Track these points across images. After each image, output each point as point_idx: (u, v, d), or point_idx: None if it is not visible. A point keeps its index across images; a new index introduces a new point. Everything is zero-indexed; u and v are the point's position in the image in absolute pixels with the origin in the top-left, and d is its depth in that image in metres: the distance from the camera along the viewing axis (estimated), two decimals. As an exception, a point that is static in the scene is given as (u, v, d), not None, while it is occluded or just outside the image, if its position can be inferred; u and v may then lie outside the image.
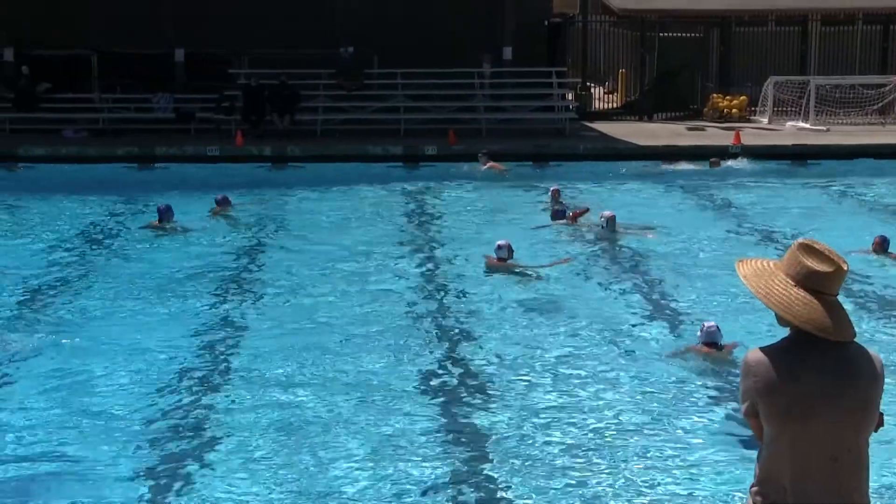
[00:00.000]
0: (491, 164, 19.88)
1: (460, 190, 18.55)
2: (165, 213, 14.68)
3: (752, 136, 22.76)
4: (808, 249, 3.55)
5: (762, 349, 3.56)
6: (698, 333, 9.34)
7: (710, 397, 8.55)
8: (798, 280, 3.52)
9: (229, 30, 23.85)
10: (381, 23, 23.82)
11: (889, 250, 12.96)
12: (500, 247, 12.48)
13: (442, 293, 11.94)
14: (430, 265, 13.28)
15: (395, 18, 23.98)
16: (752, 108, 25.86)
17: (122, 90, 23.50)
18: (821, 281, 3.50)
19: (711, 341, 9.19)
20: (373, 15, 24.02)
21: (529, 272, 12.43)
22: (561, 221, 15.06)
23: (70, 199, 17.34)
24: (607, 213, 14.68)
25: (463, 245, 14.13)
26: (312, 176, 19.50)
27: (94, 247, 14.29)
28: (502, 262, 12.46)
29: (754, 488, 3.57)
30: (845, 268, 3.54)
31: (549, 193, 16.81)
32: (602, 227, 14.51)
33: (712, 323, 9.35)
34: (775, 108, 25.28)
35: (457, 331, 10.49)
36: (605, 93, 28.24)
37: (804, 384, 3.46)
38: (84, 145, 21.39)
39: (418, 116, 22.99)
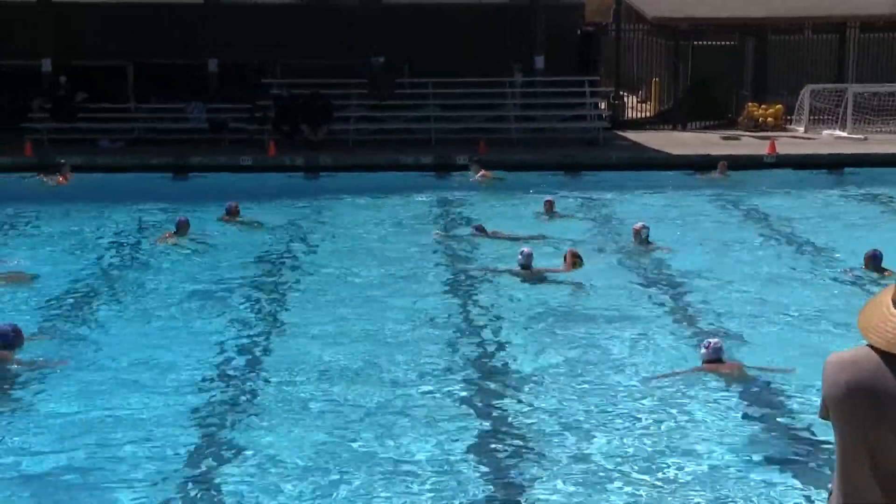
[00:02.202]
0: (483, 172, 19.80)
1: (492, 198, 18.51)
2: (182, 227, 14.74)
3: (787, 145, 22.57)
4: None
5: (840, 353, 3.48)
6: (702, 351, 9.25)
7: (713, 415, 8.45)
8: (893, 296, 3.43)
9: (262, 40, 24.03)
10: (412, 32, 23.87)
11: (882, 266, 12.31)
12: (522, 254, 12.66)
13: (471, 300, 11.95)
14: (459, 274, 13.26)
15: (425, 28, 24.04)
16: (788, 117, 25.64)
17: (157, 100, 23.72)
18: None
19: (716, 358, 9.13)
20: (403, 25, 24.08)
21: (552, 278, 12.56)
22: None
23: (106, 208, 17.47)
24: (638, 224, 14.53)
25: (490, 252, 14.12)
26: (344, 185, 19.56)
27: (125, 257, 14.39)
28: (525, 269, 12.59)
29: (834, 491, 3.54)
30: None
31: (543, 204, 16.58)
32: (633, 239, 14.41)
33: (717, 339, 9.35)
34: (811, 117, 25.05)
35: (484, 338, 10.52)
36: (638, 102, 28.12)
37: (864, 396, 3.39)
38: (119, 155, 21.61)
39: (449, 126, 23.00)
